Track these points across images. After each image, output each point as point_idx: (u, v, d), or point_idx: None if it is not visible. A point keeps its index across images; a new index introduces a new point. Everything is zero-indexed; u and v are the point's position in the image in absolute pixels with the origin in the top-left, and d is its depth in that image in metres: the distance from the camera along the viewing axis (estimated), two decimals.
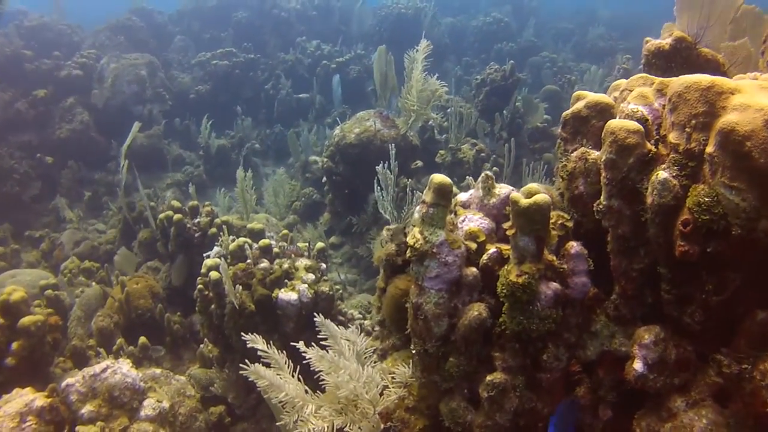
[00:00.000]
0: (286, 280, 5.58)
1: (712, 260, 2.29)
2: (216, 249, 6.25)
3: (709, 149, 2.22)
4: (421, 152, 8.88)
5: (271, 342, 5.58)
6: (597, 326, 2.85)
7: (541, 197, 2.45)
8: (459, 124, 9.01)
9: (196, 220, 7.19)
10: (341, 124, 8.74)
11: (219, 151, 11.51)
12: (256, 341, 3.31)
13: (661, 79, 2.65)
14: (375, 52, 9.11)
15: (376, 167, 6.95)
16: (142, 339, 6.37)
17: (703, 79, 2.30)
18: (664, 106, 2.56)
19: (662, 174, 2.30)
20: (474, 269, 2.76)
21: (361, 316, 6.49)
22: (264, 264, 5.64)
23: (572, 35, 19.68)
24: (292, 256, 5.72)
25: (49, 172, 10.37)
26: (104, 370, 5.16)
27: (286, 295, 5.36)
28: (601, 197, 2.63)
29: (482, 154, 8.75)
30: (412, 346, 2.97)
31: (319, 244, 6.09)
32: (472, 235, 2.84)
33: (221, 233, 6.33)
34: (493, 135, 9.13)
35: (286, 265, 5.67)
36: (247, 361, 3.63)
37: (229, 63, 13.99)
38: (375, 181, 6.90)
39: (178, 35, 16.57)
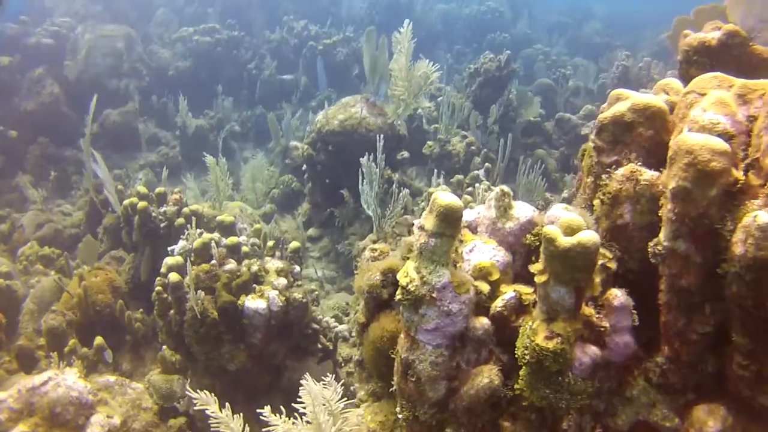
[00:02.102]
0: (254, 285, 4.83)
1: None
2: (181, 243, 5.46)
3: None
4: (408, 142, 8.12)
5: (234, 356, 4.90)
6: (633, 391, 2.16)
7: (589, 237, 1.73)
8: (450, 114, 8.24)
9: (163, 209, 6.38)
10: (325, 110, 7.93)
11: (197, 132, 10.63)
12: (208, 403, 2.54)
13: (744, 81, 1.92)
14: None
15: (361, 159, 6.20)
16: (98, 340, 5.57)
17: None
18: (750, 117, 1.84)
19: (763, 217, 1.58)
20: (485, 320, 2.04)
21: (337, 324, 5.76)
22: (231, 266, 4.88)
23: (567, 28, 18.90)
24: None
25: (12, 146, 9.41)
26: (45, 383, 4.38)
27: (253, 303, 4.62)
28: (661, 235, 1.92)
29: (473, 148, 8.01)
30: (398, 409, 2.25)
31: (294, 244, 5.34)
32: (482, 273, 2.12)
33: (189, 225, 5.55)
34: (486, 128, 8.37)
35: (255, 268, 4.92)
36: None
37: (212, 40, 13.01)
38: (359, 172, 6.17)
39: (162, 8, 15.48)
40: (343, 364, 5.68)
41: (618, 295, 2.00)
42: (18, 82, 9.99)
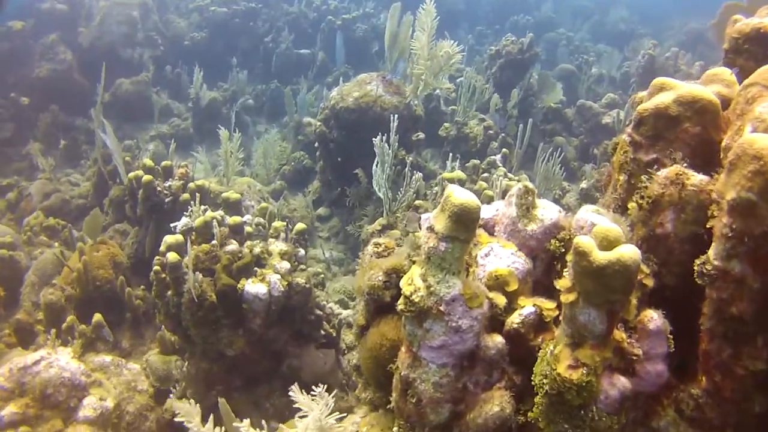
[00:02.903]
0: (256, 268, 4.57)
1: None
2: (184, 220, 5.20)
3: None
4: (424, 123, 7.77)
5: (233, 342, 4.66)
6: (661, 422, 1.88)
7: (630, 254, 1.43)
8: (470, 96, 7.87)
9: (168, 184, 6.12)
10: (339, 86, 7.60)
11: (210, 105, 10.33)
12: (191, 415, 2.29)
13: None
14: (385, 11, 7.89)
15: (373, 139, 5.90)
16: (97, 317, 5.35)
17: None
18: None
19: None
20: (498, 339, 1.75)
21: (341, 310, 5.51)
22: (232, 246, 4.62)
23: (592, 14, 18.22)
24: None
25: (23, 113, 9.18)
26: (37, 363, 4.19)
27: (253, 287, 4.37)
28: (711, 252, 1.61)
29: (490, 132, 7.65)
30: (395, 429, 1.98)
31: (299, 226, 5.06)
32: (499, 282, 1.83)
33: (193, 201, 5.29)
34: (505, 112, 8.00)
35: (257, 250, 4.66)
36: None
37: (228, 11, 12.64)
38: (372, 152, 5.87)
39: None
40: (346, 351, 5.44)
41: (654, 318, 1.69)
42: (31, 47, 9.73)
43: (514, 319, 1.79)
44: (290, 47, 12.65)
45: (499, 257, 1.87)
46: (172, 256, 4.45)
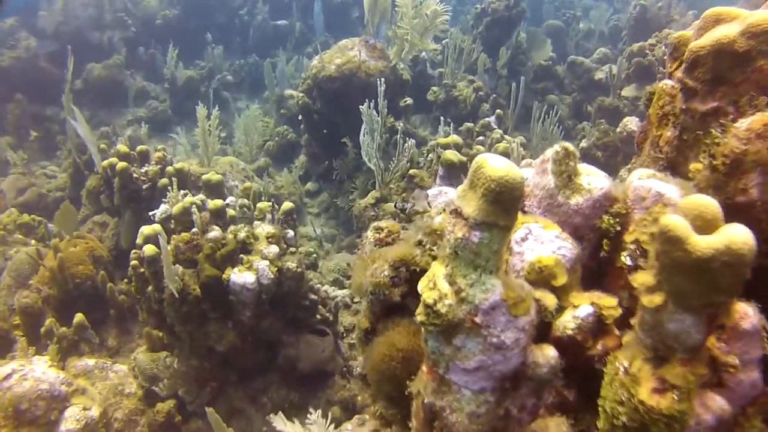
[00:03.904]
0: (242, 255, 4.11)
1: None
2: (163, 207, 4.73)
3: None
4: (411, 88, 7.25)
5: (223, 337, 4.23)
6: None
7: (742, 237, 0.98)
8: (456, 58, 7.33)
9: (144, 169, 5.61)
10: (320, 54, 7.04)
11: (187, 84, 9.73)
12: None
13: None
14: None
15: (360, 107, 5.40)
16: (79, 317, 4.89)
17: None
18: None
19: None
20: (551, 353, 1.31)
21: (337, 292, 5.08)
22: (214, 233, 4.15)
23: None
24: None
25: None
26: (8, 377, 3.75)
27: (240, 276, 3.92)
28: None
29: (481, 93, 7.14)
30: None
31: (286, 205, 4.59)
32: (543, 275, 1.38)
33: (170, 186, 4.80)
34: (495, 72, 7.47)
35: (242, 234, 4.19)
36: None
37: None
38: (359, 121, 5.38)
39: None
40: (345, 335, 5.03)
41: (749, 315, 1.25)
42: None
43: (567, 324, 1.35)
44: (266, 19, 11.99)
45: (540, 242, 1.42)
46: (149, 249, 3.98)
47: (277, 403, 4.41)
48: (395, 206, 3.06)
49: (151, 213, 4.78)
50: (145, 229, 4.23)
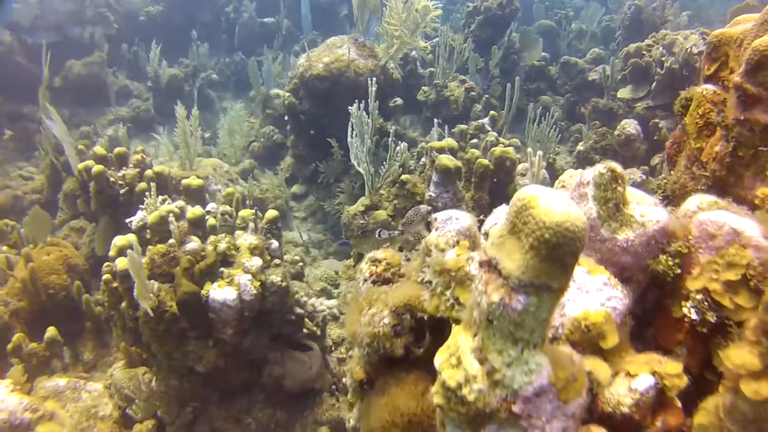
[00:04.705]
0: (222, 268, 3.76)
1: None
2: (140, 215, 4.40)
3: None
4: (400, 87, 6.92)
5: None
6: None
7: None
8: (448, 57, 7.00)
9: (122, 173, 5.24)
10: (307, 52, 6.68)
11: (170, 82, 9.31)
12: None
13: None
14: None
15: (349, 107, 5.06)
16: (50, 331, 4.53)
17: None
18: None
19: None
20: None
21: (324, 303, 4.74)
22: (193, 244, 3.80)
23: None
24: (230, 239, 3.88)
25: None
26: None
27: (220, 292, 3.58)
28: None
29: (472, 93, 6.82)
30: None
31: (271, 213, 4.25)
32: (591, 336, 1.06)
33: (148, 192, 4.45)
34: (487, 72, 7.16)
35: (223, 246, 3.85)
36: None
37: None
38: (348, 122, 5.04)
39: None
40: (333, 348, 4.70)
41: None
42: None
43: (622, 400, 1.03)
44: (253, 16, 11.58)
45: (585, 291, 1.10)
46: (122, 263, 3.63)
47: (262, 424, 4.09)
48: (379, 235, 2.70)
49: (128, 220, 4.43)
50: (119, 240, 3.88)
